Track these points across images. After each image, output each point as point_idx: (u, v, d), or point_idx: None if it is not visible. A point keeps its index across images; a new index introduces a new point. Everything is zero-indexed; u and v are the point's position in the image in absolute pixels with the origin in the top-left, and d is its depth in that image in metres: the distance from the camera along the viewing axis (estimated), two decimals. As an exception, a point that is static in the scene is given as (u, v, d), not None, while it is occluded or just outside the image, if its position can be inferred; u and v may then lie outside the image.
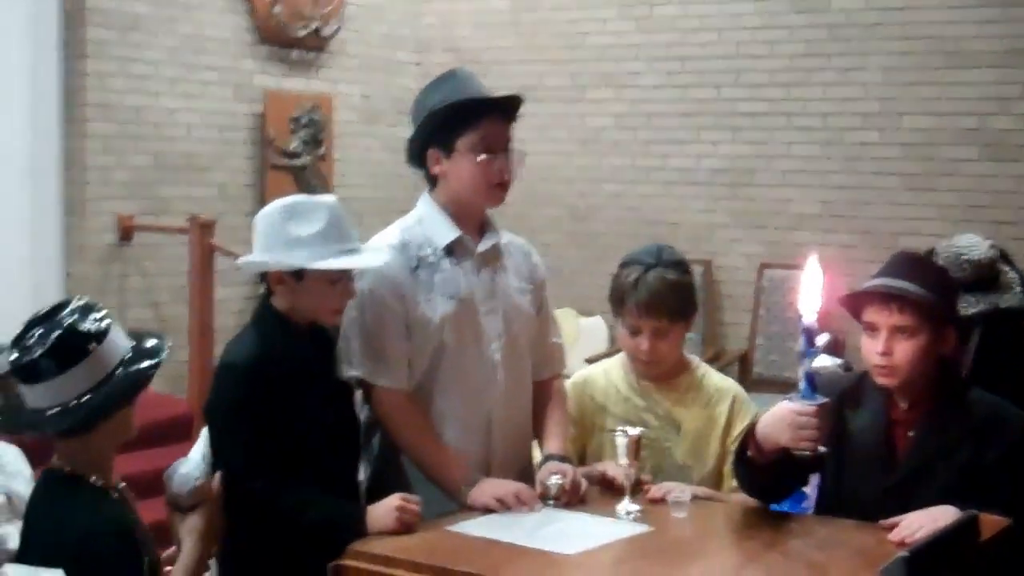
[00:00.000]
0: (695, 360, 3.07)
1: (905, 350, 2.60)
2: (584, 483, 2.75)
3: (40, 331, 2.26)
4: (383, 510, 2.51)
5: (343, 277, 2.66)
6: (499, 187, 2.82)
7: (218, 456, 2.59)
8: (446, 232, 2.82)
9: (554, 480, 2.70)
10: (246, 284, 6.57)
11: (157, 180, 6.67)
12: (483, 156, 2.77)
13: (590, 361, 6.61)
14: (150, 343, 2.42)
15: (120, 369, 2.30)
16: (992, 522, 2.38)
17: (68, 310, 2.29)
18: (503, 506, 2.62)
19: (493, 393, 2.84)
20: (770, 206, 7.02)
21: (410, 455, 2.77)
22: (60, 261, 6.39)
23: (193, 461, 2.54)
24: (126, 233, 6.50)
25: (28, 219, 6.26)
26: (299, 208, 2.65)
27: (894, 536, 2.40)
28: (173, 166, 6.73)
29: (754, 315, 6.95)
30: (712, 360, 6.77)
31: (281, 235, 2.62)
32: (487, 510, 2.63)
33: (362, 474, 2.84)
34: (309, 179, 7.38)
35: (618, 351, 3.09)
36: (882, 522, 2.48)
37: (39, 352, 2.24)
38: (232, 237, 6.35)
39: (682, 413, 2.94)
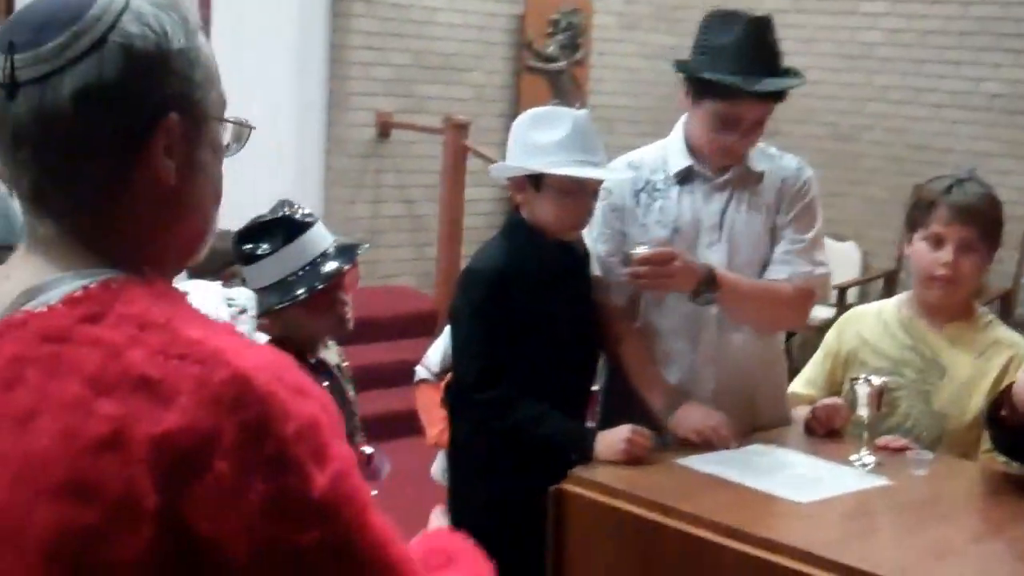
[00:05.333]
0: (983, 310, 2.85)
1: None
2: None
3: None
4: (612, 439, 2.48)
5: (580, 190, 2.62)
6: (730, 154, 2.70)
7: (456, 360, 2.64)
8: (680, 159, 2.73)
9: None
10: (496, 186, 6.66)
11: (416, 78, 6.79)
12: (727, 124, 2.64)
13: (839, 288, 6.40)
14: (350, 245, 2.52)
15: (318, 260, 2.39)
16: None
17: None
18: (702, 439, 2.56)
19: (706, 329, 2.73)
20: (1051, 137, 6.54)
21: (624, 370, 2.74)
22: (321, 154, 6.63)
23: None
24: (384, 130, 6.67)
25: (295, 112, 6.50)
26: (546, 116, 2.65)
27: None
28: (432, 65, 6.83)
29: (1022, 253, 6.53)
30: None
31: (524, 142, 2.63)
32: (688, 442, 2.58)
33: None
34: (564, 84, 7.35)
35: (870, 279, 2.92)
36: None
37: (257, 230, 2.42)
38: (485, 139, 6.41)
39: (951, 358, 2.73)
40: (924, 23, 6.96)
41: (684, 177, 2.73)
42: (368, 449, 2.57)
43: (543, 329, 2.63)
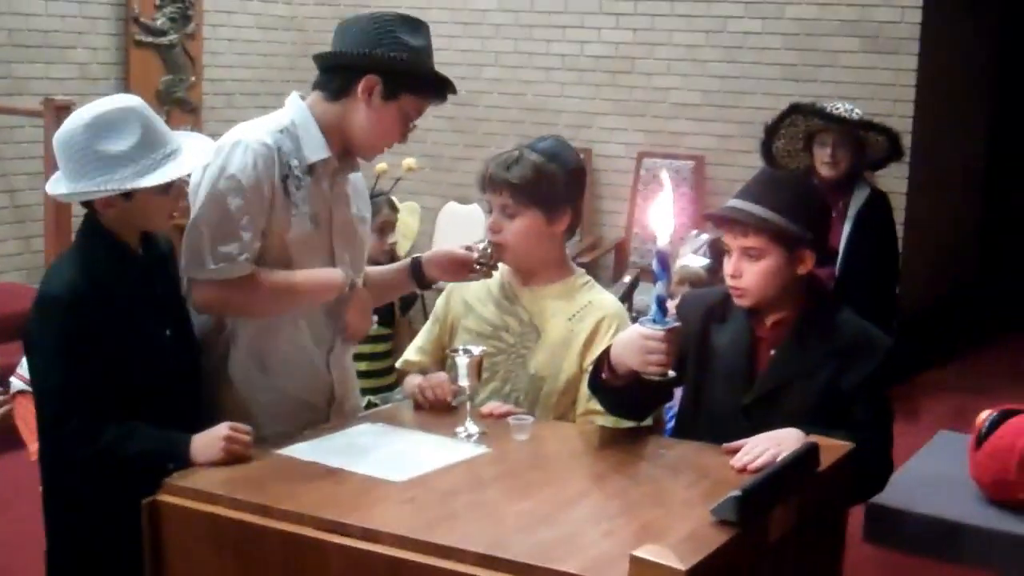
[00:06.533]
0: (580, 271, 2.94)
1: (753, 273, 2.55)
2: None
3: None
4: (208, 439, 2.35)
5: (173, 183, 2.46)
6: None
7: (35, 390, 2.44)
8: (317, 149, 2.62)
9: (484, 244, 2.80)
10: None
11: (12, 58, 6.33)
12: (410, 123, 2.68)
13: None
14: None
15: None
16: (834, 448, 2.35)
17: None
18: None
19: (335, 325, 2.74)
20: (650, 95, 6.92)
21: (281, 303, 2.63)
22: (-95, 145, 6.04)
23: None
24: (-22, 115, 6.15)
25: None
26: (105, 121, 2.39)
27: (735, 462, 2.35)
28: (29, 43, 6.38)
29: (631, 204, 6.90)
30: (589, 249, 6.74)
31: (94, 156, 2.37)
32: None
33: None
34: (176, 58, 7.06)
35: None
36: (726, 445, 2.43)
37: None
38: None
39: (546, 321, 2.81)
40: (530, -11, 7.18)
41: (312, 167, 2.63)
42: None
43: (139, 343, 2.45)
